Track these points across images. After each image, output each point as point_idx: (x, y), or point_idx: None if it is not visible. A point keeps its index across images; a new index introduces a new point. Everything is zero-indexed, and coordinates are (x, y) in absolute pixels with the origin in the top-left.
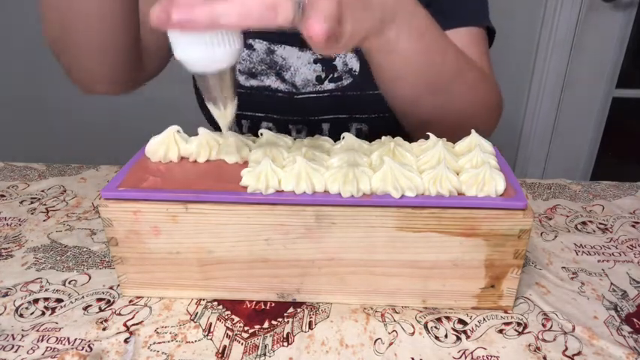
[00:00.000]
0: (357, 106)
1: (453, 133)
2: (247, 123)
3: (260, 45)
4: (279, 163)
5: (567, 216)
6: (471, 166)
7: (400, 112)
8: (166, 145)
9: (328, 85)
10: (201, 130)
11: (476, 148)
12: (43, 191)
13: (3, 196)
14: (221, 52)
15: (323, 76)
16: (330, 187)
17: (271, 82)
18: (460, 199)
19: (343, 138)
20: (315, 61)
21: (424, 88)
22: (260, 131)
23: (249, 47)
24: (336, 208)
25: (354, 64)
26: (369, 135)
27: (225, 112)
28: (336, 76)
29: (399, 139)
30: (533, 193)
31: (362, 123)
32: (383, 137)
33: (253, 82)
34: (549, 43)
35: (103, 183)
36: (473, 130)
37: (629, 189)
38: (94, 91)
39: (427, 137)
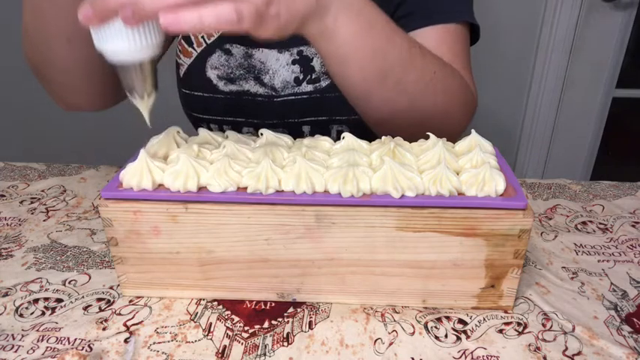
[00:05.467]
0: (336, 108)
1: (412, 131)
2: (228, 128)
3: (237, 50)
4: (279, 163)
5: (567, 216)
6: (471, 166)
7: (355, 105)
8: (166, 146)
9: (307, 87)
10: (201, 131)
11: (476, 148)
12: (43, 191)
13: (3, 196)
14: (142, 44)
15: (301, 77)
16: (330, 187)
17: (250, 86)
18: (460, 199)
19: (343, 138)
20: (294, 62)
21: (371, 76)
22: (260, 131)
23: (227, 52)
24: (336, 208)
25: None
26: None
27: (144, 102)
28: (314, 77)
29: (398, 139)
30: (533, 193)
31: (342, 125)
32: (383, 137)
33: (232, 87)
34: (549, 43)
35: (103, 183)
36: (473, 130)
37: (629, 189)
38: (73, 106)
39: (427, 137)
